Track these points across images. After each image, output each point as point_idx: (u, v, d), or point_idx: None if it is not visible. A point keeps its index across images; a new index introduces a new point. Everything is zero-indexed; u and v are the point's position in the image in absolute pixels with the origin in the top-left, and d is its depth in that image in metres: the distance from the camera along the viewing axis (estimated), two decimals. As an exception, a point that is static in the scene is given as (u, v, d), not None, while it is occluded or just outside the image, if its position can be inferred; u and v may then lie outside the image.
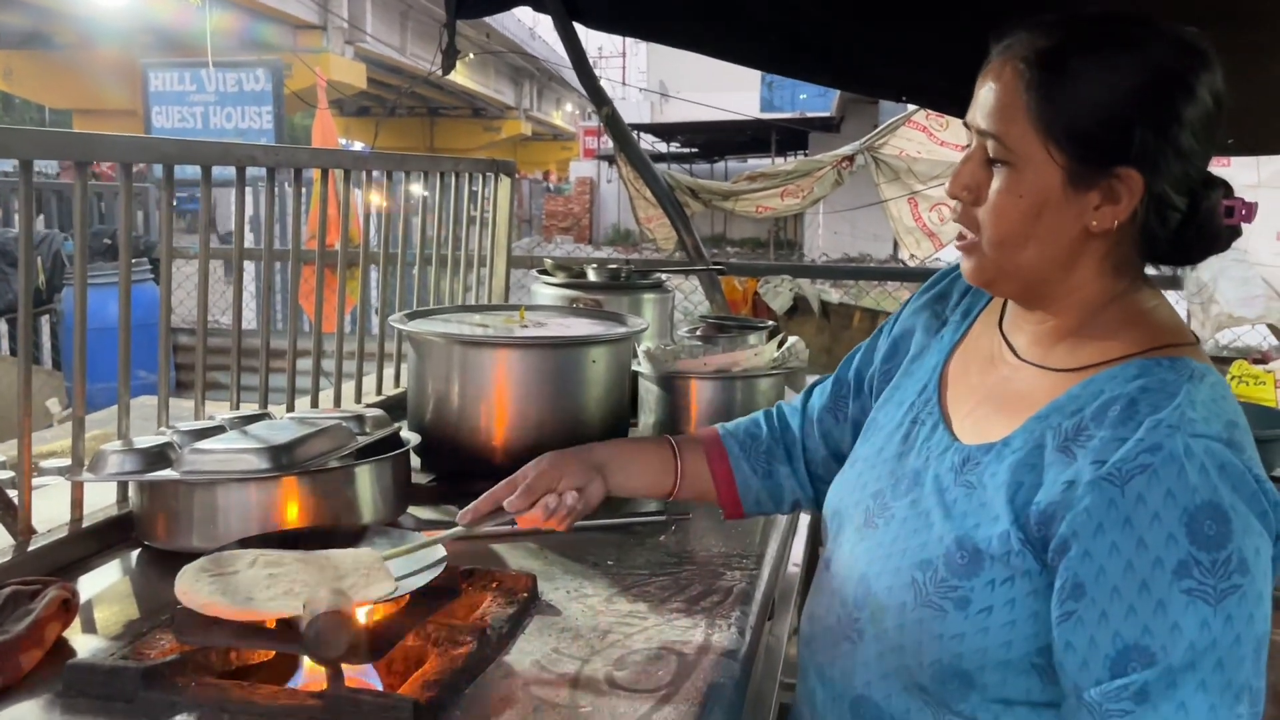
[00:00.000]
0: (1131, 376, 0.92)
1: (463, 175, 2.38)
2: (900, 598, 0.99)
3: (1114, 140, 0.92)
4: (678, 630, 1.15)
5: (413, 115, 35.48)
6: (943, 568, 0.96)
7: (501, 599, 1.19)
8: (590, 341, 1.57)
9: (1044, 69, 0.92)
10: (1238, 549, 0.83)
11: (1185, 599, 0.83)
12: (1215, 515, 0.84)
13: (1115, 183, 0.93)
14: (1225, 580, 0.83)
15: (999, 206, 0.96)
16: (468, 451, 1.56)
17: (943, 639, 0.95)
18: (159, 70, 8.90)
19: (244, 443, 1.29)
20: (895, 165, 3.81)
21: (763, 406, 1.81)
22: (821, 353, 4.02)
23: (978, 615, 0.93)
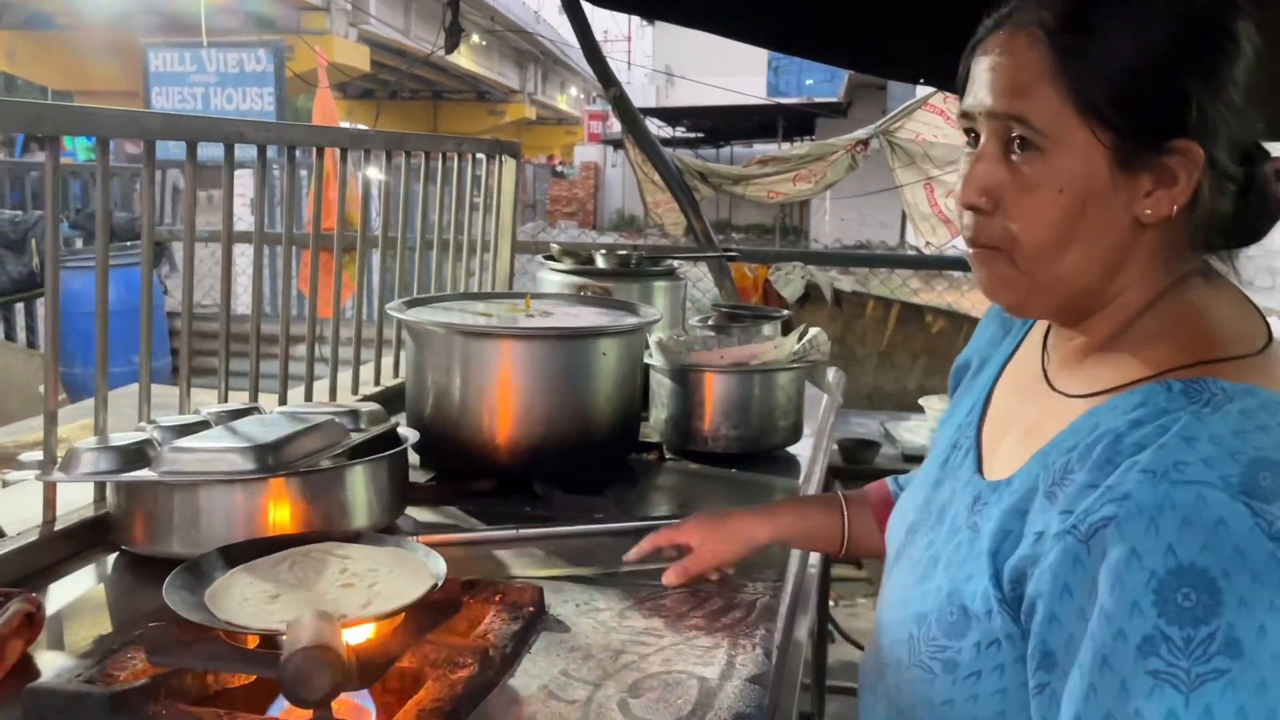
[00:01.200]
0: (1132, 406, 0.76)
1: (465, 156, 2.28)
2: (898, 654, 0.89)
3: (1167, 105, 0.76)
4: (698, 651, 1.05)
5: (416, 99, 35.30)
6: (935, 624, 0.85)
7: (505, 614, 1.09)
8: (600, 332, 1.47)
9: (1067, 30, 0.76)
10: (1226, 625, 0.66)
11: (1150, 682, 0.68)
12: (1197, 583, 0.67)
13: (1170, 159, 0.76)
14: (1203, 663, 0.66)
15: (1032, 208, 0.78)
16: (469, 449, 1.47)
17: (933, 705, 0.84)
18: (159, 50, 8.78)
19: (228, 441, 1.19)
20: (911, 150, 3.70)
21: (782, 401, 1.72)
22: (834, 342, 3.91)
23: (966, 680, 0.82)
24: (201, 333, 2.60)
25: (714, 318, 2.33)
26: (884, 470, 2.62)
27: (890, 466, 2.57)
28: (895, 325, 3.79)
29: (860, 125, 4.09)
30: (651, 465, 1.69)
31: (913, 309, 3.85)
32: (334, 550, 1.09)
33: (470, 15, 22.07)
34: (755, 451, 1.70)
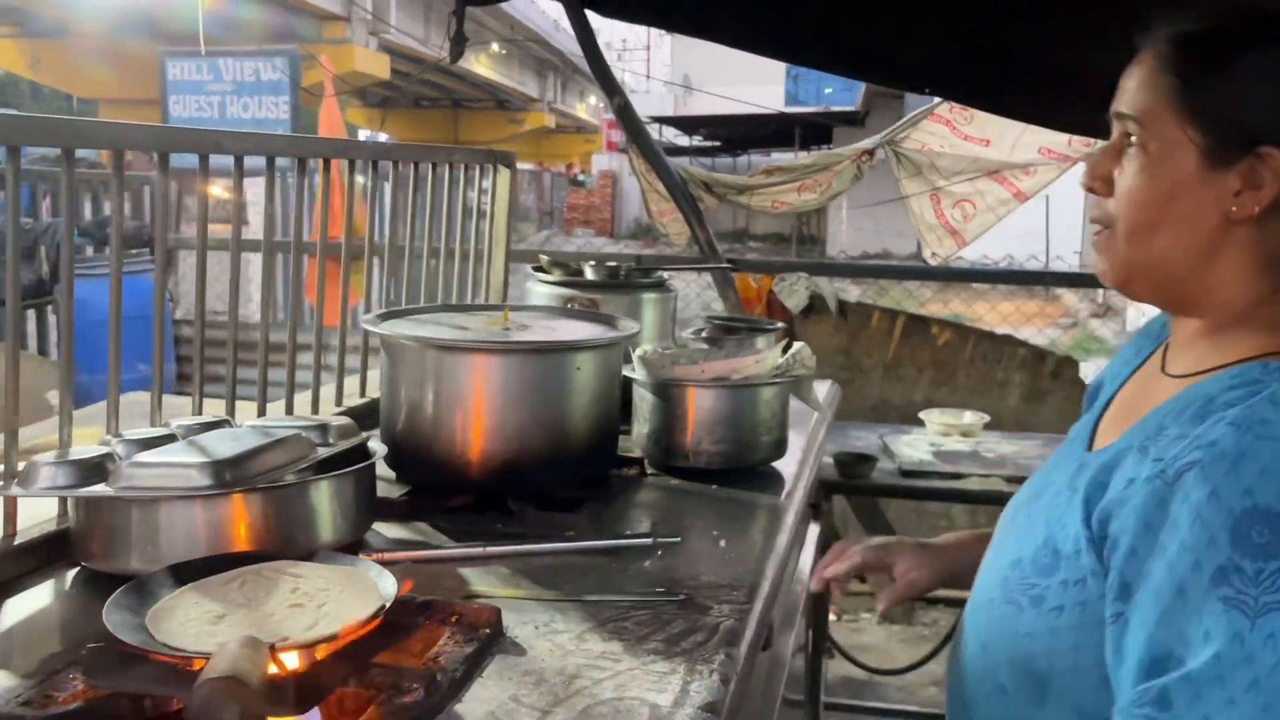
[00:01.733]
0: (1229, 378, 0.87)
1: (457, 166, 2.27)
2: (990, 594, 1.00)
3: (1256, 121, 0.88)
4: (653, 677, 1.02)
5: (436, 107, 35.48)
6: (1029, 566, 0.95)
7: (461, 636, 1.07)
8: (574, 347, 1.45)
9: (1188, 53, 0.91)
10: None
11: (1221, 606, 0.77)
12: (1271, 523, 0.77)
13: (1257, 164, 0.87)
14: (1271, 594, 0.76)
15: (1130, 190, 0.93)
16: (442, 464, 1.45)
17: (1016, 635, 0.95)
18: (176, 60, 8.85)
19: (187, 456, 1.18)
20: (917, 160, 3.66)
21: (765, 416, 1.69)
22: (838, 353, 3.89)
23: (1049, 614, 0.92)
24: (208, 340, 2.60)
25: (708, 330, 2.30)
26: (880, 485, 2.59)
27: (886, 481, 2.53)
28: (901, 337, 3.75)
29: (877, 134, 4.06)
30: (632, 480, 1.66)
31: (918, 320, 3.81)
32: (287, 569, 1.08)
33: (490, 24, 22.18)
34: (738, 467, 1.68)
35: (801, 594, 2.02)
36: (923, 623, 3.55)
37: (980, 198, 3.66)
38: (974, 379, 3.68)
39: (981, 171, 3.60)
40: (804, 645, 2.46)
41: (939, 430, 2.80)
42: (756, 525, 1.49)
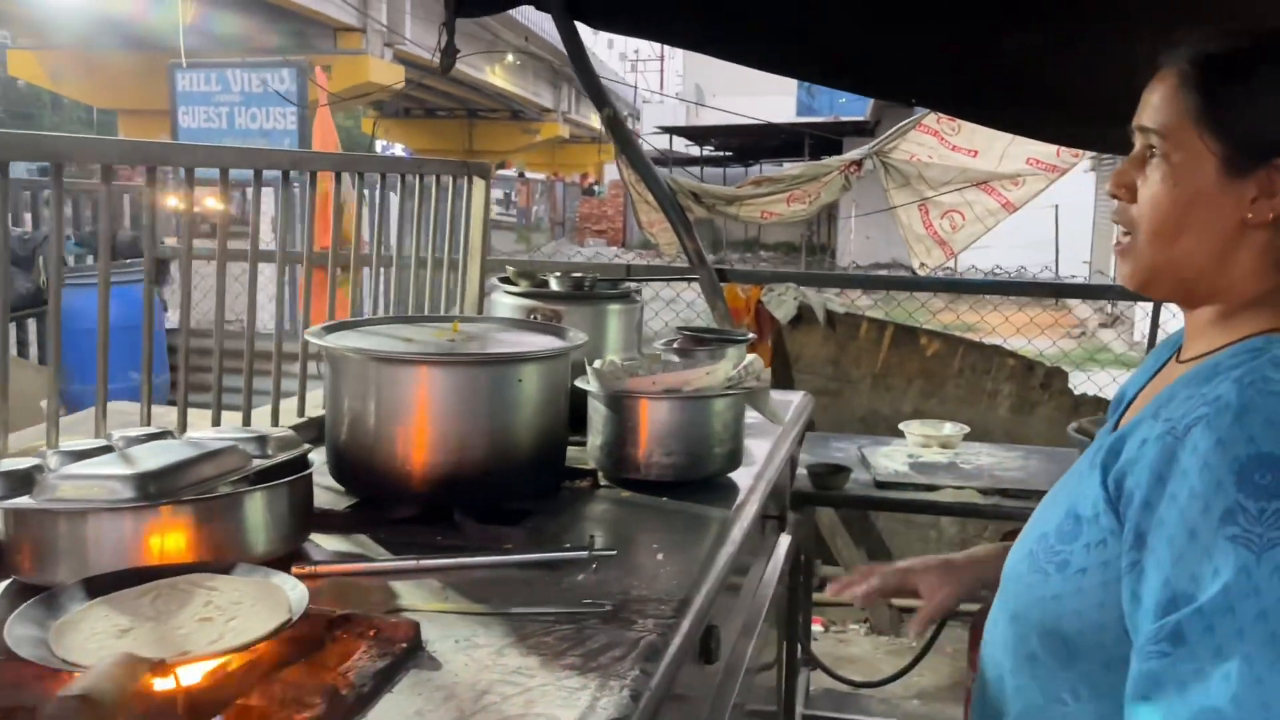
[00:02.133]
0: (1236, 349, 0.95)
1: (428, 177, 2.28)
2: (1020, 569, 1.06)
3: (1273, 135, 0.94)
4: (563, 693, 1.02)
5: (452, 118, 35.64)
6: (1053, 536, 1.01)
7: (375, 650, 1.06)
8: (514, 359, 1.45)
9: (1210, 72, 0.97)
10: None
11: (1228, 545, 0.83)
12: (1274, 467, 0.83)
13: (1273, 173, 0.94)
14: (1276, 530, 0.82)
15: (1153, 197, 0.99)
16: (384, 476, 1.45)
17: (1044, 600, 1.00)
18: (185, 71, 8.93)
19: (113, 468, 1.18)
20: (905, 170, 3.65)
21: (717, 429, 1.69)
22: (827, 364, 3.87)
23: (1074, 576, 0.97)
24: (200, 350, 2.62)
25: (679, 341, 2.30)
26: (853, 497, 2.57)
27: (861, 493, 2.52)
28: (889, 347, 3.74)
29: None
30: (584, 493, 1.66)
31: (907, 331, 3.79)
32: (203, 582, 1.08)
33: (505, 36, 22.28)
34: (691, 479, 1.67)
35: (765, 604, 2.01)
36: (909, 635, 3.52)
37: (969, 208, 3.65)
38: (963, 389, 3.66)
39: (969, 182, 3.59)
40: (778, 657, 2.45)
41: (918, 441, 2.78)
42: (701, 538, 1.48)
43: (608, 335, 2.03)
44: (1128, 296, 4.15)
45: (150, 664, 0.82)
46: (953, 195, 3.63)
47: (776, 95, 23.45)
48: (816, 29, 3.20)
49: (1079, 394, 3.68)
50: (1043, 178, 3.60)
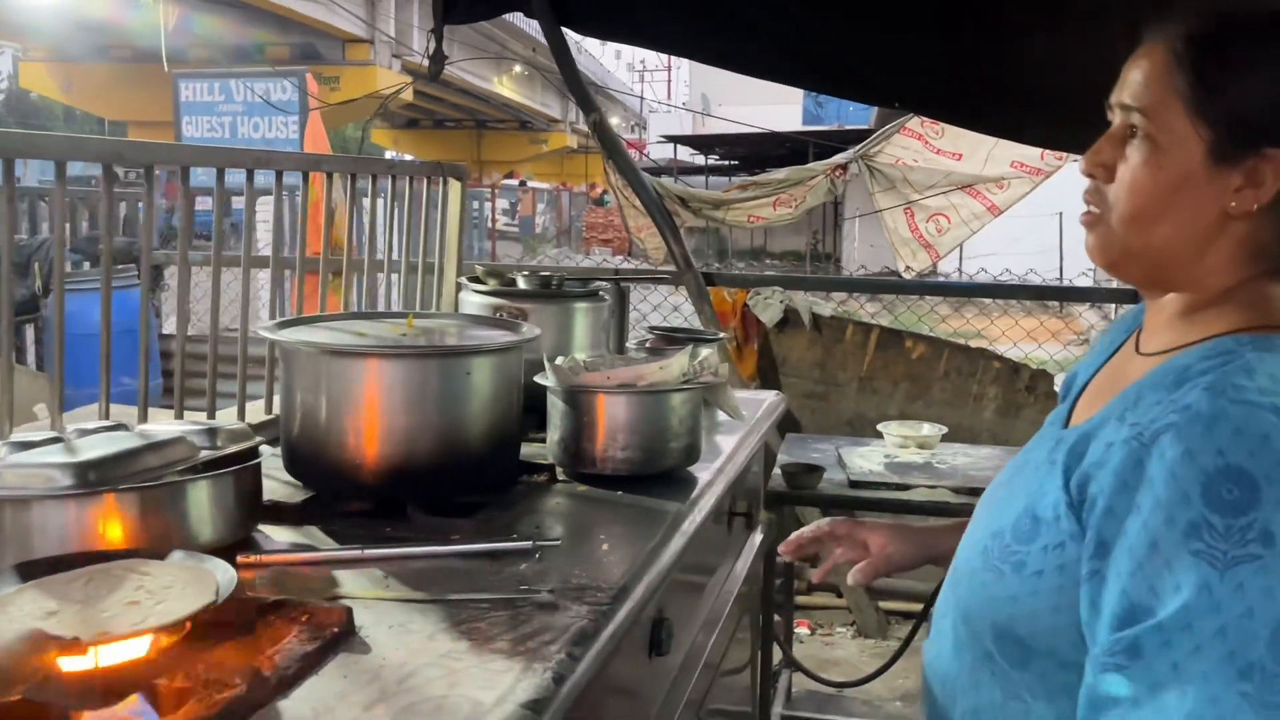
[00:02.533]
0: (1205, 350, 0.91)
1: (401, 179, 2.30)
2: (970, 564, 1.03)
3: (1265, 122, 0.91)
4: (487, 675, 1.03)
5: (460, 128, 35.84)
6: (1009, 534, 0.98)
7: (306, 634, 1.08)
8: (461, 351, 1.46)
9: (1202, 50, 0.93)
10: (1262, 519, 0.79)
11: (1191, 560, 0.80)
12: (1240, 482, 0.80)
13: (1261, 163, 0.91)
14: (1240, 548, 0.79)
15: (1135, 180, 0.95)
16: (335, 469, 1.46)
17: (998, 601, 0.98)
18: (189, 80, 9.01)
19: (55, 457, 1.20)
20: (890, 174, 3.66)
21: (674, 424, 1.70)
22: (814, 367, 3.88)
23: (1030, 578, 0.95)
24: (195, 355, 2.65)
25: (651, 340, 2.31)
26: (826, 496, 2.58)
27: (834, 493, 2.52)
28: (875, 350, 3.74)
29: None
30: (540, 487, 1.67)
31: (892, 334, 3.80)
32: (137, 567, 1.09)
33: (512, 46, 22.40)
34: (647, 474, 1.68)
35: (729, 602, 2.02)
36: (896, 637, 3.52)
37: (954, 211, 3.65)
38: (948, 392, 3.66)
39: (954, 185, 3.60)
40: (752, 657, 2.46)
41: (896, 442, 2.79)
42: (650, 530, 1.49)
43: (575, 333, 2.04)
44: (1115, 298, 4.15)
45: (60, 641, 0.84)
46: (938, 198, 3.64)
47: (783, 104, 23.45)
48: (798, 33, 3.22)
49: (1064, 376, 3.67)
50: (1027, 180, 3.61)
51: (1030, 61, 2.97)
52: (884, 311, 9.02)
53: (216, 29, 17.25)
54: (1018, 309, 6.01)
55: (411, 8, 19.88)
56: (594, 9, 3.57)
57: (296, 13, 17.08)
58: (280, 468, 1.57)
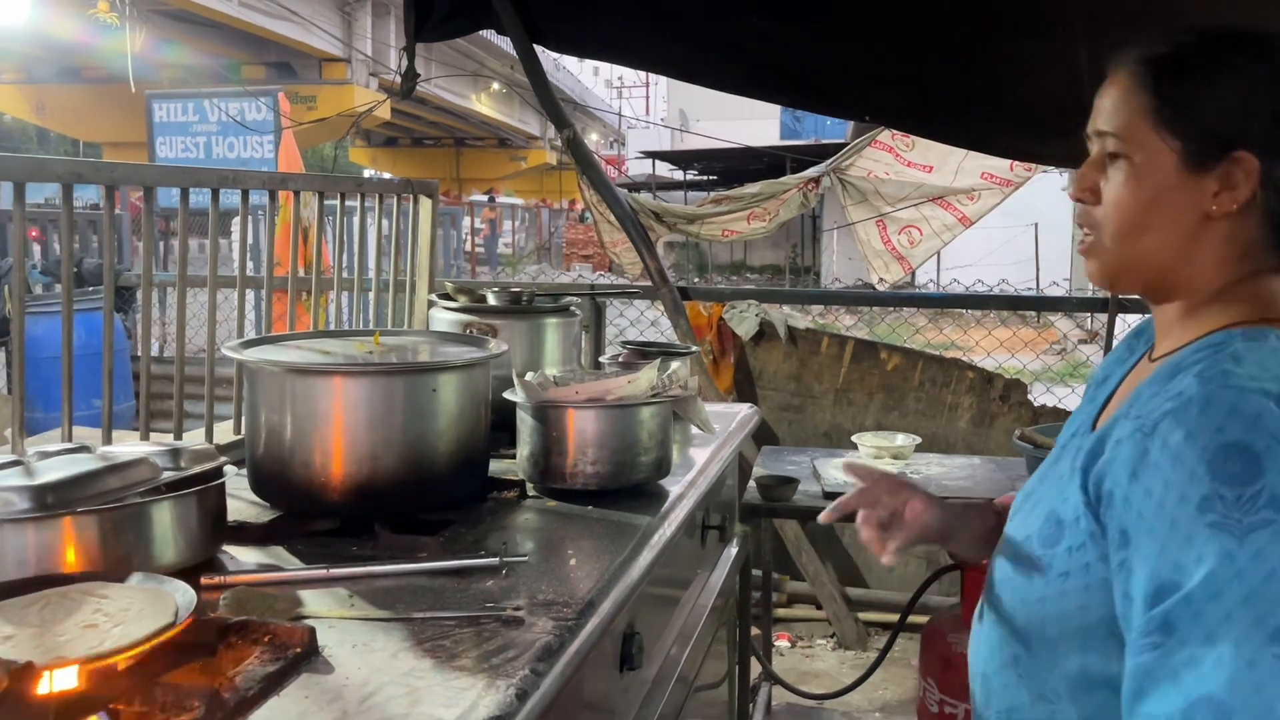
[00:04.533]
0: (1198, 345, 0.97)
1: (370, 196, 2.29)
2: (1004, 571, 1.08)
3: (1229, 128, 0.97)
4: (450, 693, 1.02)
5: (439, 146, 35.82)
6: (1036, 540, 1.03)
7: (268, 655, 1.07)
8: (428, 369, 1.46)
9: (1160, 70, 1.00)
10: (1270, 486, 0.84)
11: (1209, 532, 0.85)
12: (1243, 455, 0.85)
13: (1232, 167, 0.97)
14: (1253, 514, 0.83)
15: (1118, 198, 1.01)
16: (301, 488, 1.45)
17: (1028, 603, 1.03)
18: (162, 101, 8.97)
19: (13, 480, 1.19)
20: (862, 187, 3.68)
21: (644, 437, 1.69)
22: (789, 379, 3.89)
23: (1056, 580, 0.99)
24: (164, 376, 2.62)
25: (624, 355, 2.32)
26: (800, 508, 2.58)
27: (809, 504, 2.53)
28: (850, 362, 3.75)
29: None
30: (509, 503, 1.66)
31: (867, 345, 3.81)
32: (95, 590, 1.08)
33: (490, 64, 22.42)
34: (617, 488, 1.68)
35: (703, 615, 2.01)
36: (876, 648, 3.52)
37: (926, 223, 3.68)
38: (923, 403, 3.68)
39: (925, 197, 3.62)
40: (728, 671, 2.45)
41: (870, 453, 2.80)
42: (619, 544, 1.48)
43: (545, 349, 2.04)
44: (1086, 307, 4.18)
45: (8, 664, 0.83)
46: (909, 210, 3.66)
47: (760, 119, 23.60)
48: (765, 47, 3.24)
49: (1038, 405, 3.69)
50: (997, 192, 3.64)
51: (998, 74, 3.00)
52: (861, 325, 9.07)
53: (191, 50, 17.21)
54: (994, 320, 6.06)
55: (388, 26, 19.87)
56: (565, 26, 3.58)
57: (272, 33, 17.06)
58: (247, 488, 1.57)
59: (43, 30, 14.48)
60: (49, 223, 6.26)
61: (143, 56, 14.66)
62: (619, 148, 34.13)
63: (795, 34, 3.13)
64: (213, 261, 2.05)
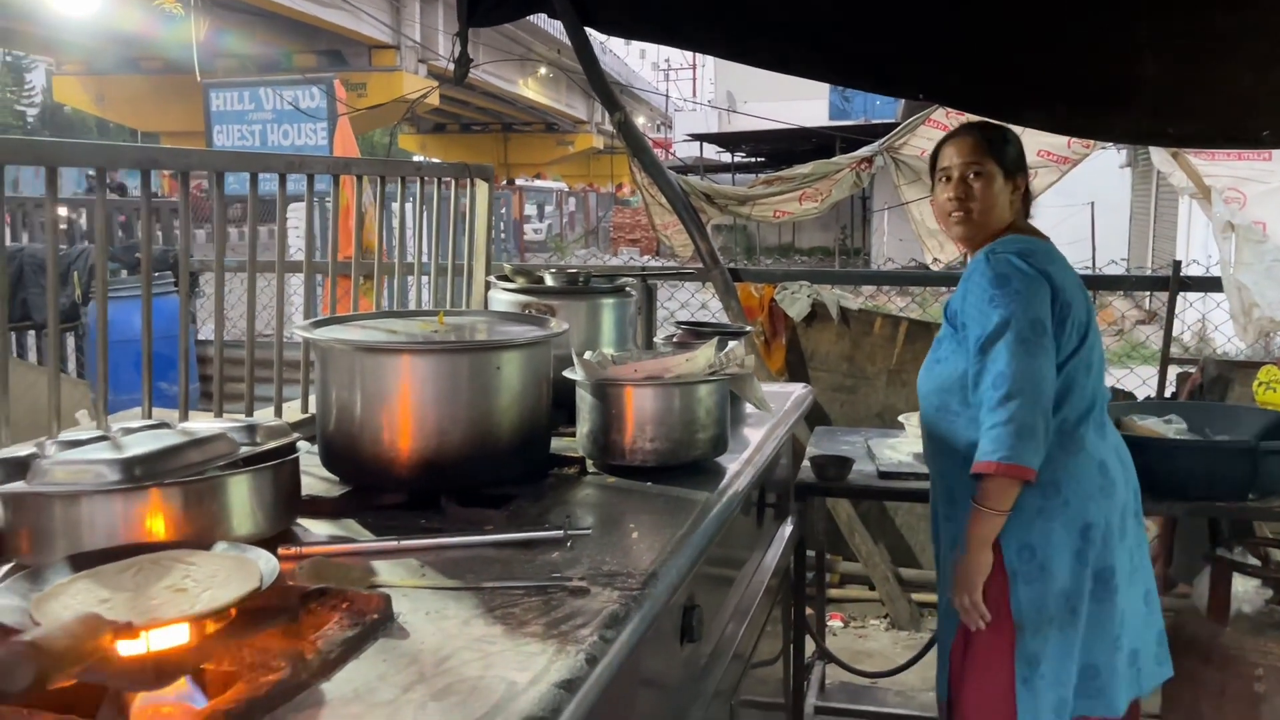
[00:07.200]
0: (989, 246, 2.10)
1: (430, 181, 2.33)
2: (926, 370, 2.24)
3: (1013, 164, 2.17)
4: (522, 657, 1.06)
5: (487, 132, 35.97)
6: (934, 352, 2.22)
7: (346, 621, 1.11)
8: (491, 347, 1.49)
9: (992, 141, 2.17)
10: (1009, 287, 1.99)
11: (991, 308, 2.00)
12: (1000, 277, 2.01)
13: (1019, 179, 2.19)
14: (1006, 298, 1.99)
15: (982, 194, 2.13)
16: (370, 463, 1.50)
17: (940, 375, 2.16)
18: (219, 90, 9.13)
19: (103, 454, 1.24)
20: (916, 166, 3.65)
21: (701, 415, 1.72)
22: (842, 360, 3.88)
23: (944, 360, 2.15)
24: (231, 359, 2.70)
25: (678, 335, 2.34)
26: (856, 487, 2.59)
27: (864, 484, 2.53)
28: (904, 342, 3.74)
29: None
30: (570, 478, 1.70)
31: (921, 326, 3.79)
32: (183, 558, 1.13)
33: (537, 49, 22.46)
34: (675, 464, 1.70)
35: (760, 591, 2.04)
36: (929, 628, 3.52)
37: (980, 201, 3.64)
38: (978, 383, 3.64)
39: (980, 175, 3.57)
40: (784, 649, 2.47)
41: (917, 433, 2.79)
42: (678, 519, 1.51)
43: (602, 329, 2.07)
44: (1143, 286, 4.12)
45: (112, 624, 0.87)
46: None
47: (809, 100, 23.39)
48: (825, 27, 3.23)
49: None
50: (1054, 169, 3.59)
51: (1056, 49, 2.97)
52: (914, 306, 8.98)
53: (245, 39, 17.45)
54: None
55: (436, 12, 19.98)
56: (615, 8, 3.59)
57: (323, 20, 17.23)
58: (318, 464, 1.62)
59: (108, 22, 14.76)
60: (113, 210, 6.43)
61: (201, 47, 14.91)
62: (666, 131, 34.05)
63: (845, 8, 3.11)
64: (281, 246, 2.10)
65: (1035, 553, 2.02)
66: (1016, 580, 2.03)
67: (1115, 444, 2.12)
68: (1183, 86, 2.85)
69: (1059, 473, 2.01)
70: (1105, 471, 2.05)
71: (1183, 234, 10.22)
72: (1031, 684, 2.03)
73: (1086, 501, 2.02)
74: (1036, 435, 1.92)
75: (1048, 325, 1.97)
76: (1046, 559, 2.02)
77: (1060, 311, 2.01)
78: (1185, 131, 3.09)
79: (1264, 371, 2.79)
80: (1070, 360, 2.03)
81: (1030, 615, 2.02)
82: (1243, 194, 3.30)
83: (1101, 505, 2.04)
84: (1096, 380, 2.10)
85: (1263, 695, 2.25)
